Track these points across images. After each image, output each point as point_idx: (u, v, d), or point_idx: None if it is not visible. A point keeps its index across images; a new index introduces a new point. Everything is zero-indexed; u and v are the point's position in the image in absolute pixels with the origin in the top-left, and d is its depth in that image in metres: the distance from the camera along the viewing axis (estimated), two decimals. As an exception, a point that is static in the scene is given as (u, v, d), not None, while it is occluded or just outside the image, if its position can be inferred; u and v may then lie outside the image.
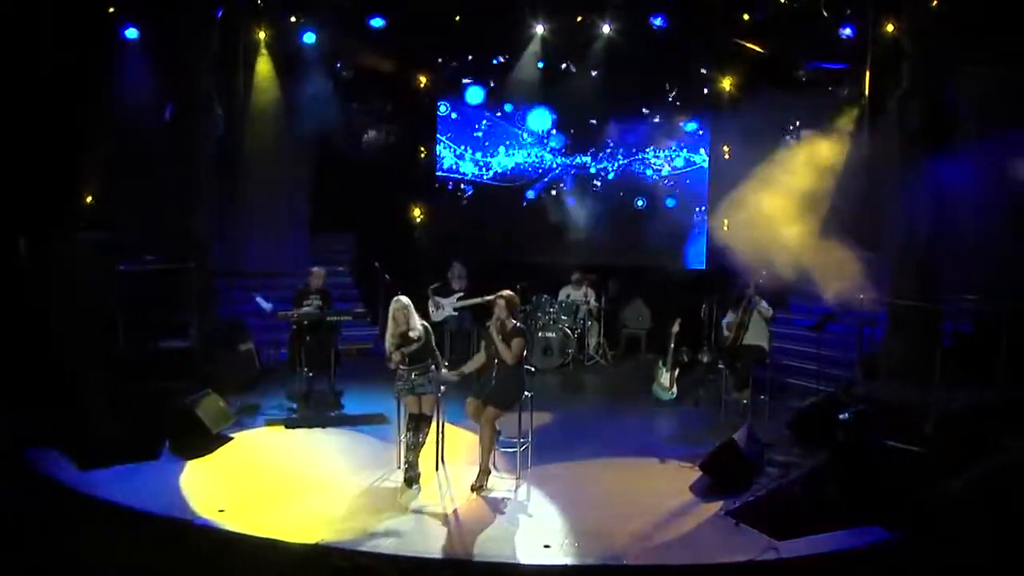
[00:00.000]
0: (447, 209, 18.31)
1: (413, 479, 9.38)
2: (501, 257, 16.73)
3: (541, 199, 17.76)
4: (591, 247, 17.38)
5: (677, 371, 13.26)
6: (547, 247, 17.41)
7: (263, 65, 15.70)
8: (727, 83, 16.28)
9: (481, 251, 16.91)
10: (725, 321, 12.73)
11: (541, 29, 15.85)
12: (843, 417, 9.58)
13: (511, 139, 18.11)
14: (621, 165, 17.75)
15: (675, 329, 13.21)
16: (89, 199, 13.58)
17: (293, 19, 15.30)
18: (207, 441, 10.63)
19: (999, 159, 11.54)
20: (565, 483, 9.71)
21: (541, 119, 17.94)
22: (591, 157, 17.87)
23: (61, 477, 9.45)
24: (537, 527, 8.51)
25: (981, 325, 12.27)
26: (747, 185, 13.81)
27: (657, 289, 16.39)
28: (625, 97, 17.15)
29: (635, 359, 16.25)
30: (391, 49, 16.18)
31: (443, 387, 9.97)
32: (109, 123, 13.30)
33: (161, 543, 8.33)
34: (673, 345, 13.22)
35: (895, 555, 7.97)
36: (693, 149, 17.48)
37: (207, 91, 13.87)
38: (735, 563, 7.81)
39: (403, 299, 9.86)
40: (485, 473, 9.46)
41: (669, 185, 17.62)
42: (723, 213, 14.38)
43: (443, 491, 9.45)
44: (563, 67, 16.61)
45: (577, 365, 15.61)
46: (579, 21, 15.49)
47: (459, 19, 15.19)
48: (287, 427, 11.71)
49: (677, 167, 17.56)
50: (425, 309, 14.08)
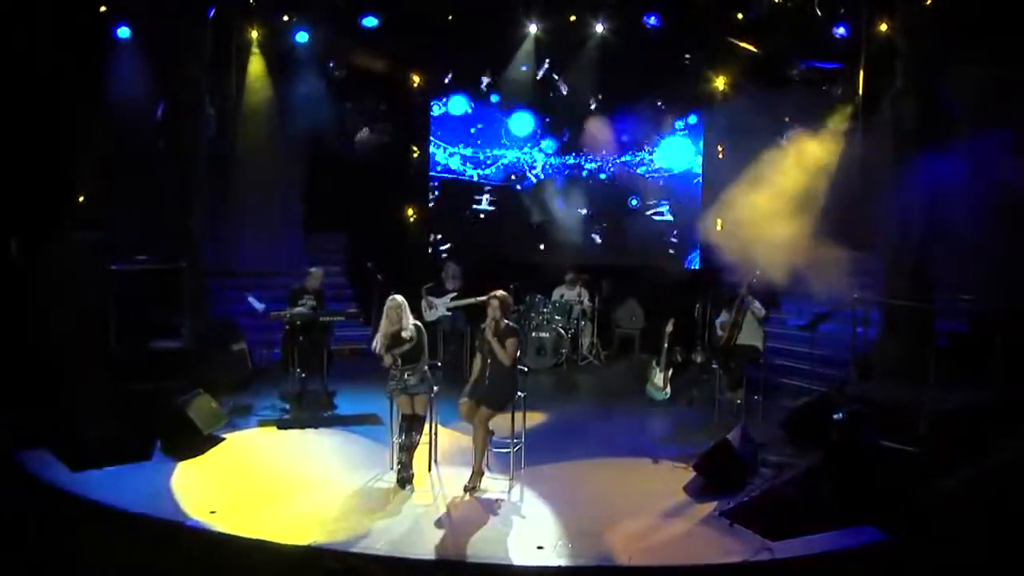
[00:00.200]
0: (439, 208, 18.28)
1: (406, 480, 9.40)
2: (495, 257, 16.69)
3: (534, 199, 17.69)
4: (584, 247, 17.35)
5: (671, 371, 13.24)
6: (540, 247, 17.37)
7: (256, 65, 15.65)
8: (721, 82, 16.26)
9: (475, 251, 16.87)
10: (719, 321, 12.70)
11: (535, 29, 15.81)
12: (837, 417, 9.55)
13: (504, 139, 18.07)
14: (614, 165, 17.69)
15: (669, 329, 13.18)
16: (82, 199, 13.51)
17: (286, 18, 15.26)
18: (199, 442, 10.58)
19: (993, 158, 11.50)
20: (558, 484, 9.68)
21: (523, 123, 17.94)
22: (584, 157, 17.82)
23: (52, 478, 9.39)
24: (530, 528, 8.48)
25: (975, 325, 12.27)
26: (741, 185, 13.79)
27: (650, 289, 16.33)
28: (618, 96, 17.11)
29: (629, 359, 16.19)
30: (384, 49, 16.14)
31: (436, 387, 9.95)
32: (101, 123, 13.28)
33: (152, 544, 8.28)
34: (667, 345, 13.20)
35: (889, 555, 7.95)
36: (687, 149, 17.45)
37: (199, 90, 13.86)
38: (729, 564, 7.78)
39: (398, 298, 9.86)
40: (478, 474, 9.43)
41: (662, 185, 17.58)
42: (716, 213, 14.35)
43: (436, 492, 9.41)
44: (555, 67, 16.56)
45: (571, 365, 15.59)
46: (572, 21, 15.45)
47: (452, 18, 15.14)
48: (279, 428, 11.68)
49: (670, 167, 17.52)
50: (419, 309, 14.03)
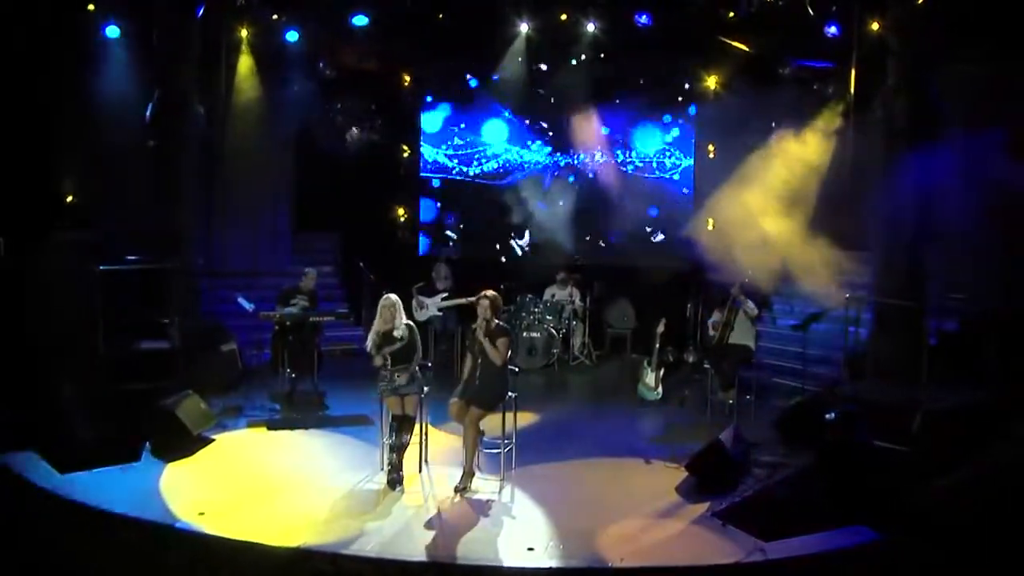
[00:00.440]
0: (430, 208, 18.23)
1: (396, 481, 9.36)
2: (485, 256, 16.63)
3: (525, 198, 17.64)
4: (576, 246, 17.32)
5: (662, 371, 13.21)
6: (531, 246, 17.34)
7: (245, 64, 15.56)
8: (712, 81, 16.22)
9: (465, 250, 16.83)
10: (711, 321, 12.68)
11: (525, 28, 15.76)
12: (829, 417, 9.52)
13: (494, 139, 18.03)
14: (605, 164, 17.65)
15: (660, 329, 13.15)
16: (70, 199, 13.44)
17: (275, 17, 15.18)
18: (188, 443, 10.53)
19: (984, 157, 11.49)
20: (550, 484, 9.63)
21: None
22: (575, 156, 17.77)
23: (39, 480, 9.32)
24: (521, 529, 8.44)
25: (967, 324, 12.25)
26: (732, 184, 13.78)
27: (642, 289, 16.31)
28: (609, 95, 17.08)
29: (620, 359, 16.20)
30: (374, 48, 16.08)
31: (426, 388, 9.91)
32: (90, 122, 13.19)
33: (141, 547, 8.22)
34: (658, 345, 13.16)
35: (883, 555, 7.93)
36: (678, 147, 17.44)
37: (189, 90, 13.79)
38: (722, 565, 7.75)
39: (392, 297, 9.88)
40: (469, 475, 9.39)
41: (653, 184, 17.54)
42: (708, 212, 14.32)
43: (426, 493, 9.37)
44: (546, 66, 16.52)
45: (562, 365, 15.59)
46: (563, 19, 15.40)
47: (442, 17, 15.08)
48: (269, 428, 11.61)
49: (661, 166, 17.49)
50: (409, 309, 13.99)
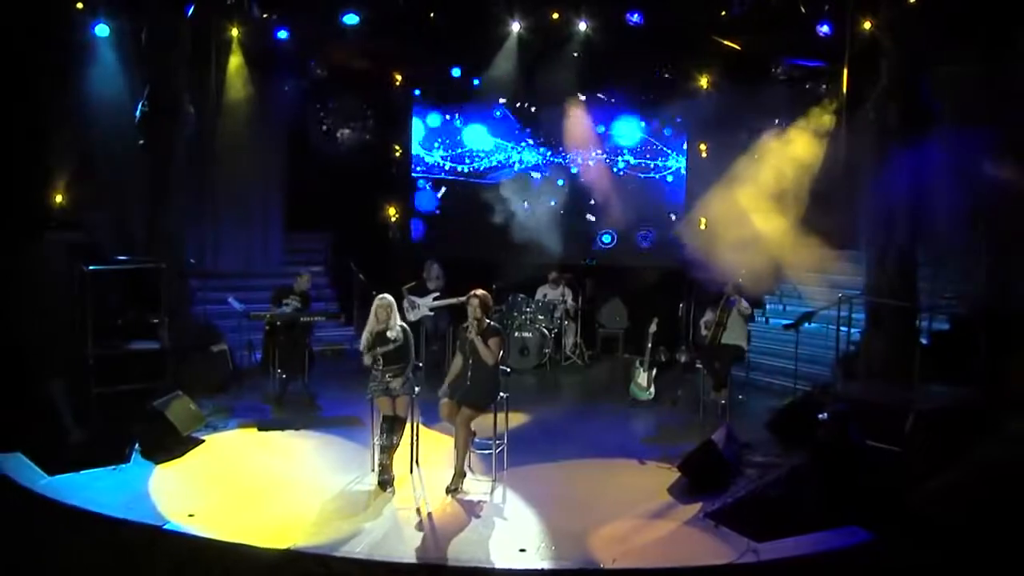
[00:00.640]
0: (422, 207, 18.19)
1: (387, 482, 9.34)
2: (477, 256, 16.58)
3: (515, 197, 17.58)
4: (567, 246, 17.28)
5: (655, 371, 13.18)
6: (523, 246, 17.27)
7: (235, 63, 15.48)
8: (704, 80, 16.17)
9: (456, 250, 16.78)
10: (703, 320, 12.64)
11: (517, 27, 15.71)
12: (822, 417, 9.50)
13: (485, 138, 17.99)
14: (596, 163, 17.61)
15: (652, 328, 13.12)
16: (59, 199, 13.37)
17: (265, 16, 15.10)
18: (177, 444, 10.49)
19: (976, 157, 11.47)
20: (541, 485, 9.61)
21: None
22: (566, 155, 17.73)
23: (27, 482, 9.26)
24: (513, 530, 8.42)
25: (959, 324, 12.24)
26: (724, 183, 13.76)
27: (634, 288, 16.27)
28: (601, 94, 17.03)
29: (612, 359, 16.17)
30: (365, 47, 16.01)
31: (417, 388, 9.87)
32: (79, 121, 13.12)
33: (130, 549, 8.20)
34: (650, 344, 13.13)
35: (876, 556, 7.90)
36: (669, 146, 17.39)
37: (179, 89, 13.69)
38: (714, 566, 7.74)
39: (388, 297, 9.91)
40: (460, 475, 9.36)
41: (645, 183, 17.50)
42: (700, 211, 14.30)
43: (417, 494, 9.35)
44: (538, 65, 16.46)
45: (554, 365, 15.55)
46: (555, 18, 15.34)
47: (433, 16, 15.02)
48: (260, 429, 11.56)
49: (653, 165, 17.44)
50: (400, 309, 13.93)
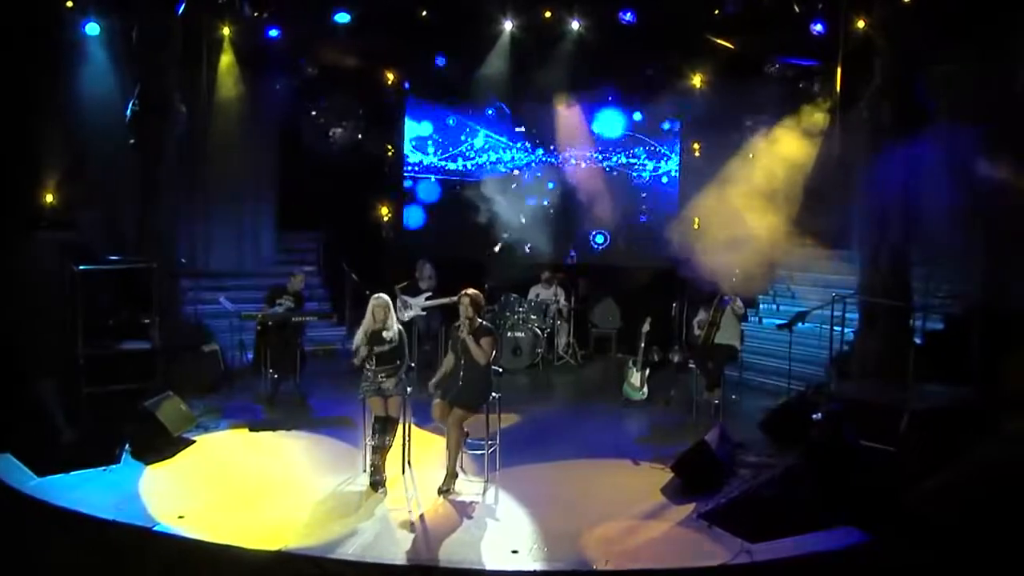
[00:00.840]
0: (414, 207, 18.14)
1: (379, 483, 9.31)
2: (469, 256, 16.54)
3: (508, 196, 17.53)
4: (560, 245, 17.26)
5: (648, 371, 13.14)
6: (514, 245, 17.24)
7: (227, 61, 15.43)
8: (697, 79, 16.14)
9: (449, 250, 16.73)
10: (696, 320, 12.61)
11: (509, 25, 15.68)
12: (816, 417, 9.47)
13: (478, 137, 17.94)
14: (589, 162, 17.57)
15: (645, 328, 13.09)
16: (50, 198, 13.32)
17: (257, 14, 15.05)
18: (168, 445, 10.44)
19: (970, 156, 11.45)
20: (534, 486, 9.56)
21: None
22: (557, 154, 17.68)
23: (16, 483, 9.22)
24: (505, 531, 8.39)
25: (953, 323, 12.23)
26: (717, 183, 13.72)
27: (627, 288, 16.25)
28: (593, 94, 17.00)
29: (605, 359, 16.16)
30: (357, 46, 15.96)
31: (409, 389, 9.83)
32: (70, 120, 13.07)
33: (119, 551, 8.17)
34: (643, 344, 13.10)
35: (871, 556, 7.87)
36: (662, 145, 17.36)
37: (169, 88, 13.64)
38: (708, 567, 7.71)
39: (384, 296, 9.89)
40: (452, 476, 9.33)
41: (638, 183, 17.47)
42: (693, 211, 14.26)
43: (409, 495, 9.30)
44: (531, 64, 16.41)
45: (547, 365, 15.53)
46: (548, 17, 15.32)
47: (425, 14, 14.98)
48: (251, 430, 11.51)
49: (646, 165, 17.41)
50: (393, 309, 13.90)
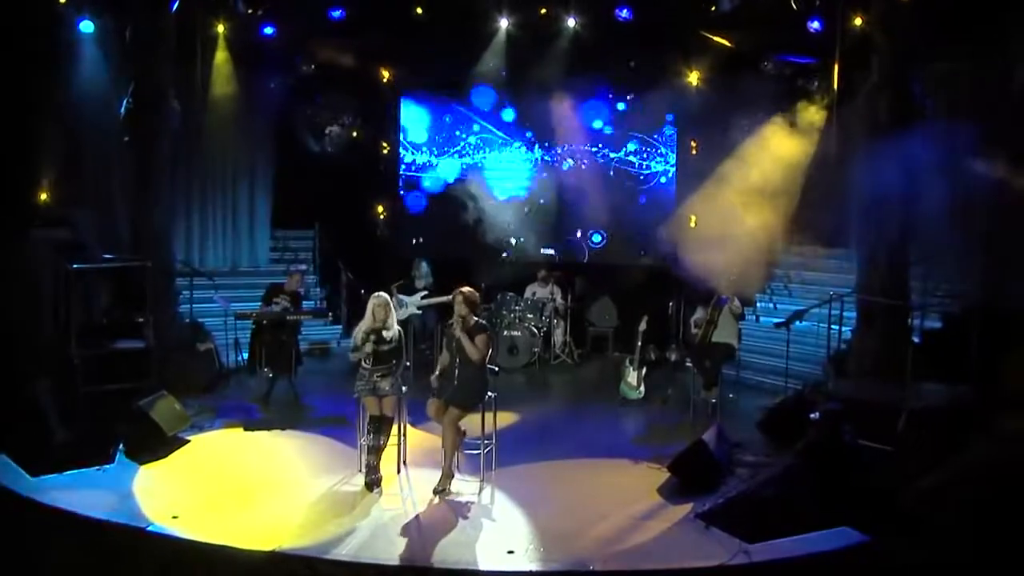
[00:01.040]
0: (410, 205, 18.07)
1: (374, 483, 9.27)
2: (465, 254, 16.50)
3: (503, 195, 17.49)
4: (556, 244, 17.21)
5: (644, 370, 13.09)
6: (510, 244, 17.20)
7: (221, 59, 15.38)
8: (694, 77, 16.09)
9: (444, 248, 16.69)
10: (694, 318, 12.58)
11: (505, 23, 15.64)
12: (814, 416, 9.43)
13: (474, 135, 17.88)
14: (587, 160, 17.52)
15: (642, 327, 13.05)
16: (44, 196, 13.25)
17: (251, 12, 15.00)
18: (162, 444, 10.40)
19: (968, 154, 11.42)
20: (530, 486, 9.53)
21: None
22: (555, 152, 17.63)
23: (9, 483, 9.16)
24: (501, 532, 8.35)
25: (951, 322, 12.19)
26: (714, 181, 13.69)
27: (624, 286, 16.20)
28: (590, 91, 16.95)
29: (602, 358, 16.10)
30: (352, 43, 15.92)
31: (404, 388, 9.79)
32: (64, 118, 13.00)
33: (112, 551, 8.13)
34: (640, 343, 13.06)
35: (869, 557, 7.83)
36: (659, 144, 17.29)
37: (164, 85, 13.58)
38: (705, 567, 7.66)
39: (384, 295, 9.86)
40: (448, 476, 9.28)
41: (635, 180, 17.41)
42: (690, 209, 14.23)
43: (405, 495, 9.28)
44: (527, 61, 16.36)
45: (543, 364, 15.48)
46: (544, 14, 15.28)
47: (421, 12, 14.94)
48: (246, 429, 11.49)
49: (642, 162, 17.36)
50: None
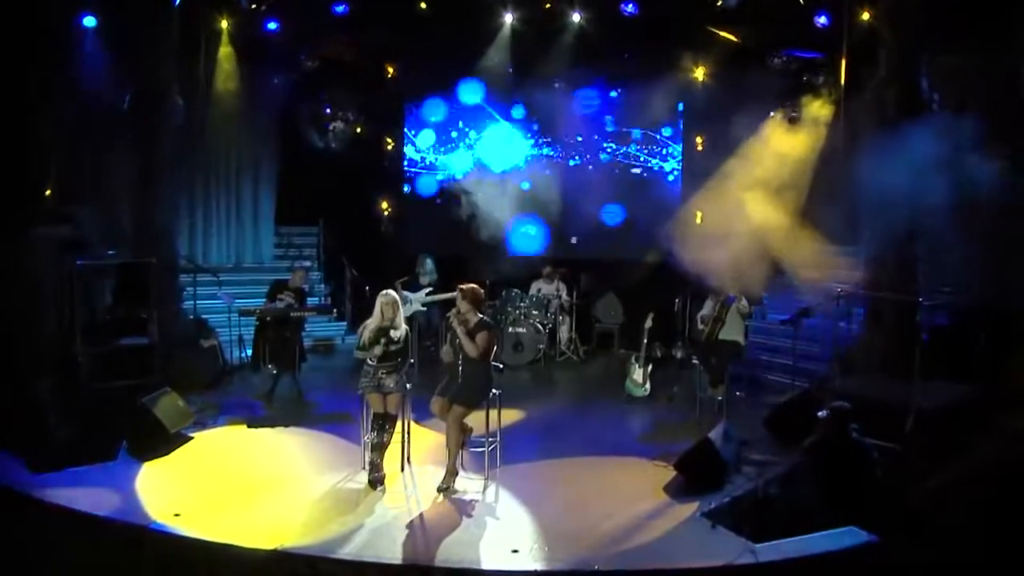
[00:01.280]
0: (414, 201, 18.04)
1: (377, 480, 9.23)
2: (470, 251, 16.47)
3: (510, 191, 17.44)
4: (562, 240, 17.16)
5: (650, 367, 13.05)
6: (516, 240, 17.16)
7: (225, 54, 15.37)
8: (700, 72, 16.04)
9: (449, 245, 16.65)
10: (700, 314, 12.51)
11: (510, 18, 15.60)
12: (821, 415, 9.36)
13: (478, 130, 17.84)
14: (592, 157, 17.48)
15: (648, 324, 13.01)
16: (47, 192, 13.22)
17: (255, 7, 14.97)
18: (165, 441, 10.37)
19: (977, 148, 11.35)
20: (535, 484, 9.49)
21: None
22: (560, 148, 17.59)
23: (11, 480, 9.16)
24: (505, 530, 8.30)
25: (959, 319, 12.12)
26: (720, 177, 13.64)
27: (630, 283, 16.14)
28: (595, 86, 16.90)
29: (607, 355, 16.08)
30: (357, 39, 15.90)
31: (409, 385, 9.73)
32: (65, 114, 12.96)
33: (114, 549, 8.10)
34: (646, 340, 13.01)
35: (876, 557, 7.78)
36: (664, 139, 17.24)
37: (167, 80, 13.57)
38: (711, 567, 7.61)
39: (392, 293, 9.82)
40: (452, 474, 9.24)
41: (640, 176, 17.36)
42: (695, 205, 14.17)
43: (408, 493, 9.22)
44: (531, 56, 16.31)
45: (548, 361, 15.47)
46: (548, 8, 15.24)
47: (425, 7, 14.89)
48: (249, 426, 11.46)
49: (648, 158, 17.32)
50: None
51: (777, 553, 7.74)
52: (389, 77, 17.52)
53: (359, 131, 17.58)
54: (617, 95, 17.19)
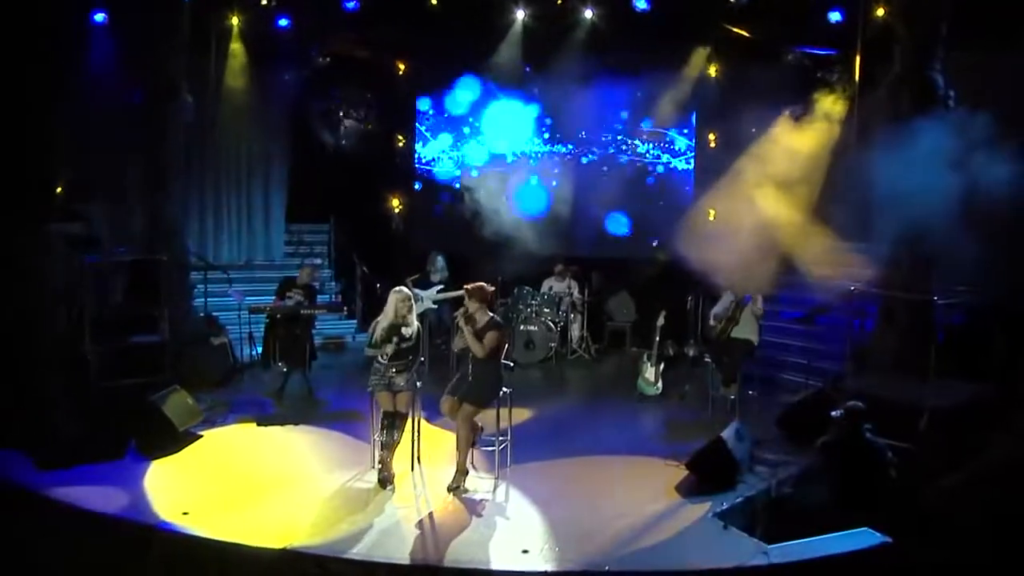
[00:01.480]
0: (425, 198, 17.99)
1: (387, 479, 9.20)
2: (482, 248, 16.40)
3: (521, 188, 17.38)
4: (574, 238, 17.09)
5: (662, 365, 12.99)
6: (529, 238, 17.09)
7: (236, 51, 15.35)
8: (713, 69, 15.97)
9: (461, 242, 16.59)
10: (713, 312, 12.44)
11: (522, 14, 15.54)
12: (835, 414, 9.30)
13: (490, 128, 17.76)
14: (604, 154, 17.41)
15: (660, 322, 12.95)
16: (58, 190, 13.22)
17: (266, 3, 14.95)
18: (174, 439, 10.34)
19: (992, 145, 11.27)
20: (546, 483, 9.45)
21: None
22: (573, 146, 17.52)
23: (20, 478, 9.14)
24: (515, 530, 8.28)
25: (974, 318, 12.05)
26: (733, 174, 13.58)
27: (642, 281, 16.08)
28: (607, 83, 16.82)
29: (619, 353, 16.02)
30: (368, 35, 15.86)
31: (419, 383, 9.68)
32: (75, 111, 12.94)
33: (122, 548, 8.07)
34: (658, 338, 12.95)
35: (890, 559, 7.71)
36: (677, 136, 17.17)
37: (178, 77, 13.54)
38: (723, 568, 7.58)
39: (405, 291, 9.81)
40: (462, 473, 9.20)
41: (653, 174, 17.30)
42: (709, 203, 14.11)
43: (418, 492, 9.21)
44: (543, 53, 16.25)
45: (560, 359, 15.36)
46: (560, 5, 15.18)
47: (436, 3, 14.84)
48: (259, 424, 11.42)
49: (661, 156, 17.25)
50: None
51: (789, 554, 7.69)
52: (400, 74, 17.47)
53: (370, 128, 17.53)
54: (629, 92, 17.10)
